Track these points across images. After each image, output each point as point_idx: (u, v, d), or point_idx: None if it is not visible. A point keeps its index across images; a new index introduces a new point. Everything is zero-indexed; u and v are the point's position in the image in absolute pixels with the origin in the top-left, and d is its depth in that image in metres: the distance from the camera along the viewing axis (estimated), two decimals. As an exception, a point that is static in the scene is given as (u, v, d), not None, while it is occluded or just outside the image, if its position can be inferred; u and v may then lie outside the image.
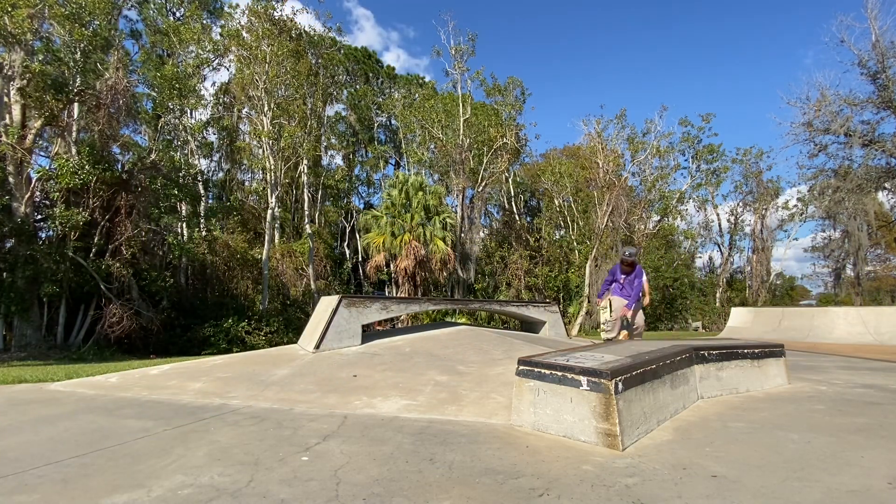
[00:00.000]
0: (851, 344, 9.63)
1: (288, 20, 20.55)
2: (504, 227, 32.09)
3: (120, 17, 19.04)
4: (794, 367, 4.90)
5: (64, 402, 3.68)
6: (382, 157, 32.39)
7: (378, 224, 21.55)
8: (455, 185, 24.72)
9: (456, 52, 25.39)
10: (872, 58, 14.36)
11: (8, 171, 12.31)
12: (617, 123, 27.06)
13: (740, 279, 33.32)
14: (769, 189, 29.79)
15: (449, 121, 25.76)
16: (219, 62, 21.17)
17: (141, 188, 14.59)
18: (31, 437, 2.73)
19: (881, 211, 21.61)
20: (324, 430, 2.79)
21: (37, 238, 13.38)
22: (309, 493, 1.86)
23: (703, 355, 3.58)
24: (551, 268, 27.06)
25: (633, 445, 2.44)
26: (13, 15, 11.68)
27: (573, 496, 1.83)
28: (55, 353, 12.36)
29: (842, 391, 3.91)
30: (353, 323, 5.70)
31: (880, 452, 2.29)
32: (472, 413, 3.19)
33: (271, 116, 19.22)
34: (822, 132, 15.87)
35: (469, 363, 4.66)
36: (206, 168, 24.54)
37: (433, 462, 2.23)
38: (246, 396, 3.72)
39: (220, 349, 14.55)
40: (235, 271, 19.95)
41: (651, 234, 29.37)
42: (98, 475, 2.08)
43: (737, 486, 1.90)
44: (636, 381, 2.66)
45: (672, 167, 30.73)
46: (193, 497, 1.84)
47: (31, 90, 12.44)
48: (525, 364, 2.89)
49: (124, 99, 14.38)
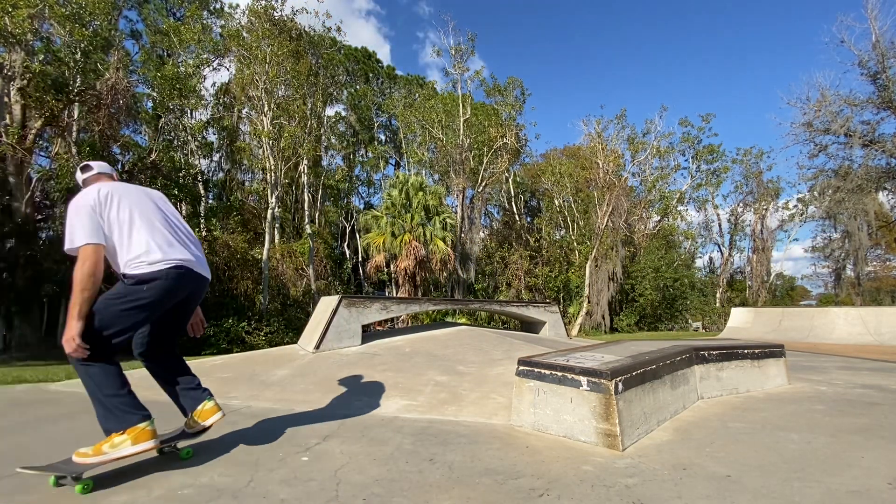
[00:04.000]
0: (851, 344, 9.63)
1: (288, 20, 20.55)
2: (504, 228, 32.11)
3: (120, 17, 19.07)
4: (794, 368, 4.90)
5: (65, 402, 3.68)
6: (382, 158, 32.39)
7: (378, 224, 21.55)
8: (455, 185, 24.72)
9: (456, 52, 25.40)
10: (872, 58, 14.37)
11: (8, 171, 12.32)
12: (617, 123, 27.11)
13: (740, 279, 33.33)
14: (769, 189, 29.81)
15: (449, 121, 25.75)
16: (219, 62, 21.18)
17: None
18: (32, 437, 2.73)
19: (881, 211, 21.61)
20: (324, 430, 2.79)
21: (37, 238, 13.39)
22: (309, 494, 1.86)
23: (704, 355, 3.58)
24: (551, 268, 27.06)
25: (634, 446, 2.44)
26: (13, 15, 11.68)
27: (573, 496, 1.83)
28: (55, 353, 12.37)
29: (842, 391, 3.91)
30: (353, 323, 5.70)
31: (880, 453, 2.29)
32: (472, 413, 3.19)
33: (271, 116, 19.22)
34: (823, 132, 15.88)
35: (469, 363, 4.66)
36: (206, 168, 24.56)
37: (433, 462, 2.23)
38: (246, 396, 3.72)
39: (220, 349, 14.55)
40: (235, 271, 19.93)
41: (651, 234, 29.38)
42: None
43: (737, 487, 1.90)
44: (636, 381, 2.66)
45: (672, 167, 30.80)
46: (193, 497, 1.84)
47: (31, 90, 12.44)
48: (525, 364, 2.89)
49: (124, 99, 14.41)
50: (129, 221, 1.99)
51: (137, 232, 1.99)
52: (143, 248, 1.98)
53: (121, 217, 1.98)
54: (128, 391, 1.98)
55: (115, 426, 1.90)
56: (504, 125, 26.39)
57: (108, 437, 1.90)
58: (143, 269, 1.95)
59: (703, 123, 29.37)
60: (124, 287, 1.95)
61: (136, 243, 1.98)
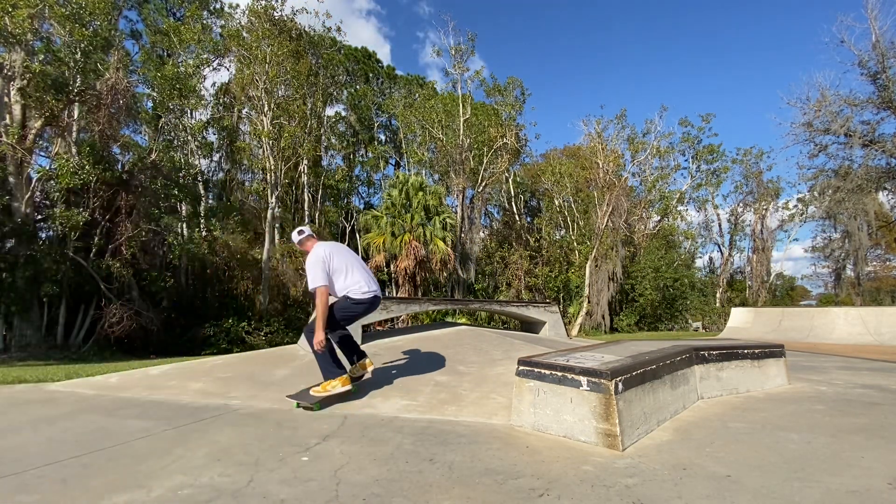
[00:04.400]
0: (851, 344, 9.63)
1: (288, 20, 20.55)
2: (504, 228, 32.10)
3: (120, 17, 19.07)
4: (794, 368, 4.90)
5: (64, 402, 3.68)
6: (382, 158, 32.37)
7: (378, 224, 21.55)
8: (455, 185, 24.72)
9: (456, 52, 25.40)
10: (872, 58, 14.36)
11: (8, 171, 12.31)
12: (617, 123, 27.11)
13: (740, 279, 33.32)
14: (769, 189, 29.80)
15: (449, 121, 25.75)
16: (219, 62, 21.17)
17: (141, 188, 14.58)
18: (31, 437, 2.73)
19: (881, 211, 21.61)
20: (324, 430, 2.79)
21: (37, 238, 13.38)
22: (309, 494, 1.86)
23: (704, 355, 3.58)
24: (551, 268, 27.06)
25: (634, 446, 2.44)
26: (13, 15, 11.68)
27: (573, 496, 1.83)
28: (55, 353, 12.37)
29: (842, 391, 3.91)
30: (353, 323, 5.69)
31: (880, 453, 2.29)
32: (472, 413, 3.19)
33: (271, 116, 19.22)
34: (823, 132, 15.87)
35: (469, 363, 4.66)
36: (206, 168, 24.52)
37: (433, 462, 2.23)
38: (246, 396, 3.72)
39: (221, 349, 14.55)
40: (235, 271, 19.93)
41: (651, 234, 29.38)
42: (98, 475, 2.08)
43: (737, 487, 1.90)
44: (636, 381, 2.66)
45: (672, 167, 30.78)
46: (193, 497, 1.84)
47: (31, 90, 12.43)
48: (525, 364, 2.89)
49: (124, 99, 14.38)
50: (345, 268, 3.47)
51: (352, 274, 3.47)
52: (358, 283, 3.46)
53: (337, 266, 3.44)
54: (336, 360, 3.48)
55: (332, 376, 3.39)
56: (504, 125, 26.38)
57: (328, 382, 3.39)
58: (358, 295, 3.46)
59: (703, 123, 29.38)
60: (347, 301, 3.48)
61: (352, 280, 3.45)
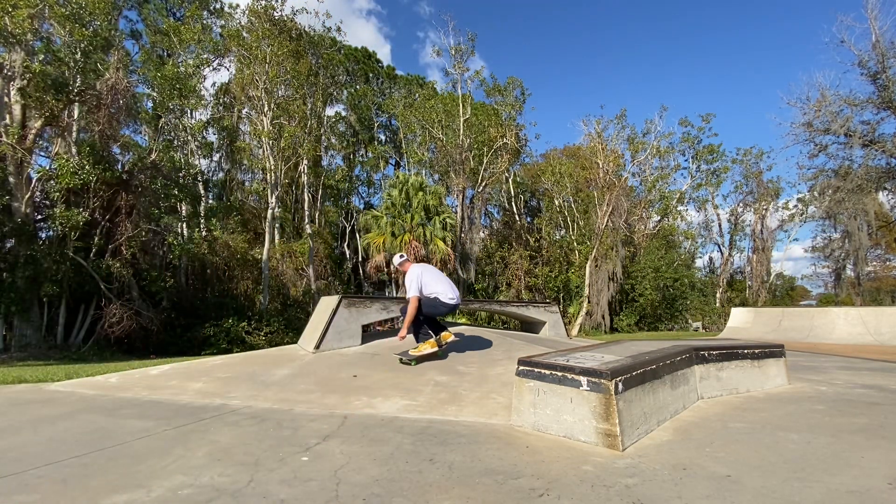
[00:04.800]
0: (851, 344, 9.63)
1: (288, 20, 20.54)
2: (504, 228, 32.10)
3: (120, 17, 19.07)
4: (794, 368, 4.90)
5: (64, 402, 3.68)
6: (382, 158, 32.37)
7: (378, 224, 21.55)
8: (455, 185, 24.72)
9: (455, 52, 25.40)
10: (872, 58, 14.36)
11: (8, 171, 12.31)
12: (617, 123, 27.11)
13: (740, 279, 33.32)
14: (769, 189, 29.81)
15: (449, 121, 25.75)
16: (219, 62, 21.17)
17: (141, 188, 14.59)
18: (31, 437, 2.73)
19: (881, 211, 21.61)
20: (324, 430, 2.79)
21: (37, 238, 13.38)
22: (309, 494, 1.86)
23: (704, 355, 3.57)
24: (551, 268, 27.06)
25: (634, 446, 2.44)
26: (13, 15, 11.68)
27: (573, 496, 1.83)
28: (55, 353, 12.37)
29: (842, 391, 3.90)
30: (353, 323, 5.69)
31: (880, 453, 2.29)
32: (472, 413, 3.19)
33: (271, 116, 19.22)
34: (823, 132, 15.87)
35: (469, 363, 4.66)
36: (206, 168, 24.54)
37: (433, 462, 2.23)
38: (246, 397, 3.72)
39: (221, 349, 14.55)
40: (235, 271, 19.94)
41: (651, 234, 29.38)
42: (98, 475, 2.08)
43: (737, 487, 1.90)
44: (636, 381, 2.66)
45: (672, 167, 30.80)
46: (193, 497, 1.84)
47: (31, 90, 12.44)
48: (525, 364, 2.89)
49: (124, 99, 14.39)
50: (433, 282, 4.69)
51: (438, 284, 4.69)
52: (445, 293, 4.65)
53: (427, 280, 4.67)
54: (425, 331, 4.82)
55: (422, 340, 4.76)
56: (504, 125, 26.38)
57: (422, 345, 4.71)
58: (445, 300, 4.63)
59: (703, 123, 29.41)
60: (437, 301, 4.62)
61: (440, 290, 4.65)
